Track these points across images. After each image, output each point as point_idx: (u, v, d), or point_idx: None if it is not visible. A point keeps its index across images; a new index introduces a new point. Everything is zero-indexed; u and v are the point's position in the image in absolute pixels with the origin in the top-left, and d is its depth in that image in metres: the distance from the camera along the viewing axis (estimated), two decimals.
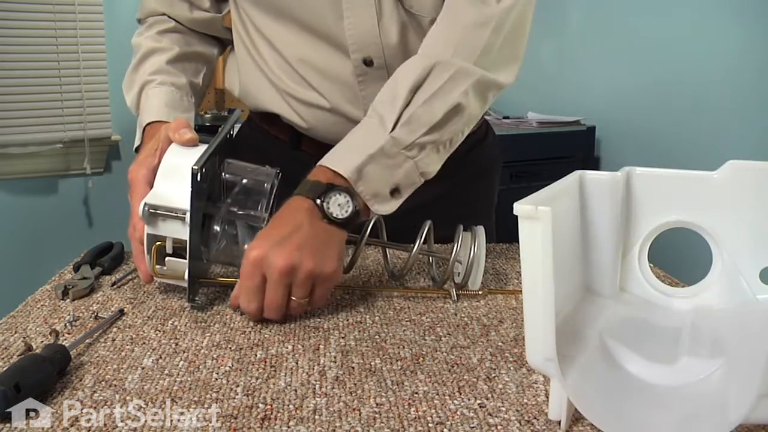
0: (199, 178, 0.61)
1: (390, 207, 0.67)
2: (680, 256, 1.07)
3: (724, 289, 0.56)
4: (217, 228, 0.68)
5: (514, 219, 0.42)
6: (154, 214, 0.63)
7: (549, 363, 0.42)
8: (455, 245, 0.68)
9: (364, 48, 0.77)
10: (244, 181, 0.69)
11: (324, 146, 0.85)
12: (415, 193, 0.70)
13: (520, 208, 0.42)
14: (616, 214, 0.57)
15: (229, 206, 0.68)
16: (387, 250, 0.73)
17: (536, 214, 0.41)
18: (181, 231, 0.62)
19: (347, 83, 0.79)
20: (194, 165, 0.61)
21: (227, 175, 0.69)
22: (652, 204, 0.59)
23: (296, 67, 0.81)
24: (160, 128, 0.71)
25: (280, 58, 0.82)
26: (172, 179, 0.64)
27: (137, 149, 0.78)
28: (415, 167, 0.68)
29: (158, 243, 0.63)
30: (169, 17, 0.87)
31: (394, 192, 0.68)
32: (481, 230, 0.70)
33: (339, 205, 0.64)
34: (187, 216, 0.61)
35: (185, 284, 0.65)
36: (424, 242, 0.69)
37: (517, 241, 0.42)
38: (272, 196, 0.70)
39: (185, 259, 0.62)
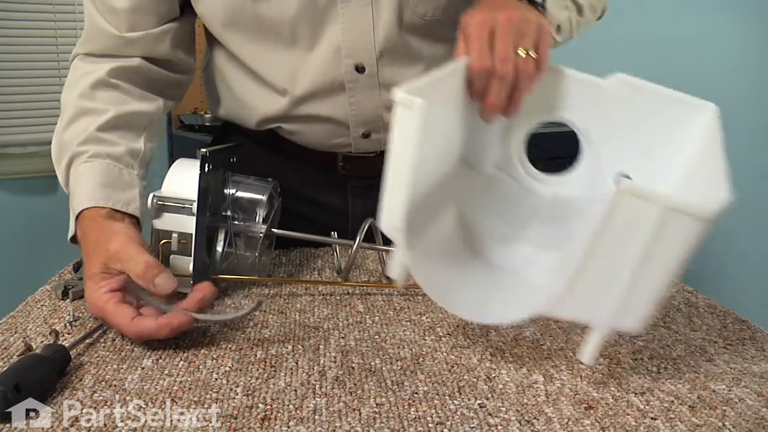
0: (207, 167, 0.62)
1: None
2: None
3: (585, 185, 0.60)
4: (221, 240, 0.69)
5: None
6: (162, 206, 0.64)
7: (396, 232, 0.45)
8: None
9: (356, 53, 0.76)
10: (244, 193, 0.71)
11: (301, 148, 0.85)
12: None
13: (399, 94, 0.42)
14: None
15: (231, 218, 0.69)
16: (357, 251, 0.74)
17: (412, 105, 0.41)
18: (188, 224, 0.63)
19: (333, 93, 0.78)
20: (203, 149, 0.63)
21: (229, 187, 0.70)
22: (541, 97, 0.60)
23: (284, 88, 0.78)
24: (98, 220, 0.62)
25: (263, 86, 0.79)
26: (180, 176, 0.65)
27: (73, 239, 0.67)
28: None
29: (164, 241, 0.64)
30: (119, 56, 0.76)
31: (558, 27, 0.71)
32: None
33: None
34: (194, 206, 0.62)
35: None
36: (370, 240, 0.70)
37: None
38: (273, 210, 0.71)
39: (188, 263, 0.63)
